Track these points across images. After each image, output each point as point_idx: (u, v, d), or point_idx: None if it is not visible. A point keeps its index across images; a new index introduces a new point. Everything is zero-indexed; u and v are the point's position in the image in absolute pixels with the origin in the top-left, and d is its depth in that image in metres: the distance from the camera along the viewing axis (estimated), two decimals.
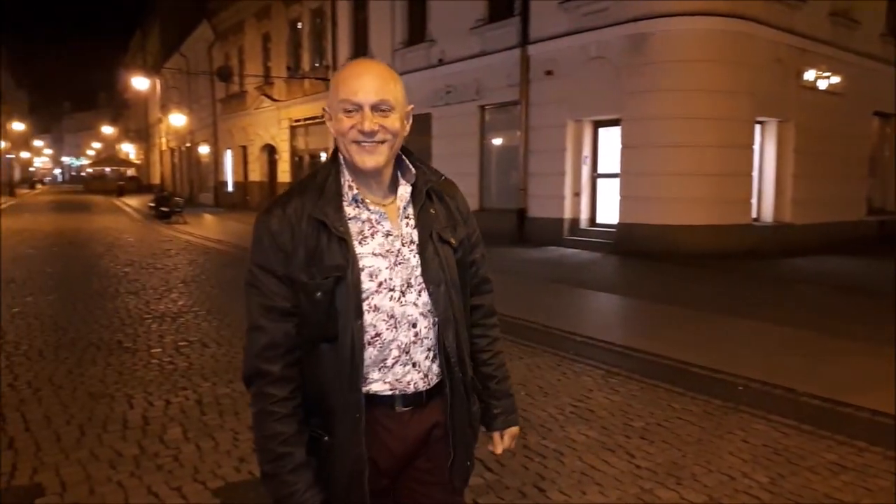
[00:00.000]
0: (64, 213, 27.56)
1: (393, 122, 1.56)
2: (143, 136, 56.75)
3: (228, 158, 32.55)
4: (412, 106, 1.67)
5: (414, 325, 1.60)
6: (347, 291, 1.51)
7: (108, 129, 74.52)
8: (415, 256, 1.61)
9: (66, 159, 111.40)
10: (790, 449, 3.98)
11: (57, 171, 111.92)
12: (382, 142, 1.56)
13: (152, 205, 24.24)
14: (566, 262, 12.08)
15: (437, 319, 1.63)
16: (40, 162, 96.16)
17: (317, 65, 23.67)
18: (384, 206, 1.63)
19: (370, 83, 1.54)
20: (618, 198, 13.04)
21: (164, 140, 43.73)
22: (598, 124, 13.97)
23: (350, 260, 1.52)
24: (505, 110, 15.88)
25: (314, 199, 1.56)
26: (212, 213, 26.50)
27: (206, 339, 6.46)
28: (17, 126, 62.57)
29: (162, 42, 42.87)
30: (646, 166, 12.42)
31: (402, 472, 1.68)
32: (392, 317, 1.58)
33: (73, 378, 5.19)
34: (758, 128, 13.65)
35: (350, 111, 1.54)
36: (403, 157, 1.68)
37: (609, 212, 13.64)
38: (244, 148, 30.30)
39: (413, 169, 1.68)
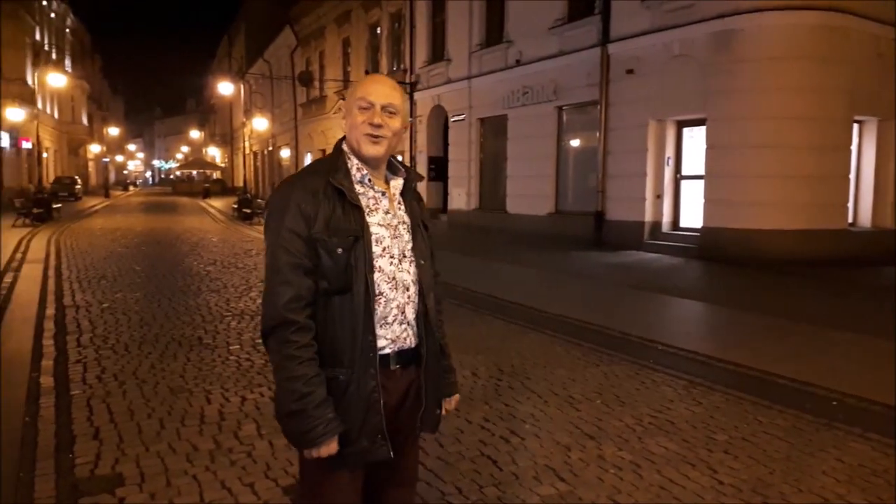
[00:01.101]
0: (153, 213, 28.88)
1: (395, 123, 1.94)
2: (227, 140, 58.90)
3: (308, 161, 33.34)
4: (411, 120, 2.05)
5: (407, 289, 1.94)
6: (362, 250, 1.84)
7: (195, 134, 77.84)
8: (407, 233, 1.97)
9: (156, 162, 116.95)
10: (890, 471, 3.68)
11: (148, 174, 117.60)
12: (385, 137, 1.92)
13: (235, 206, 25.07)
14: (646, 267, 11.74)
15: (420, 287, 1.96)
16: (133, 165, 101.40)
17: (394, 69, 23.93)
18: (384, 189, 1.98)
19: (383, 89, 1.94)
20: (702, 201, 12.57)
21: (247, 144, 45.26)
22: (681, 124, 13.52)
23: (364, 225, 1.86)
24: (583, 111, 15.61)
25: (329, 175, 1.89)
26: None
27: None
28: (113, 131, 66.19)
29: (247, 48, 44.42)
30: (733, 168, 11.92)
31: (389, 423, 1.93)
32: (393, 279, 1.90)
33: (155, 372, 5.36)
34: (856, 127, 12.91)
35: (364, 108, 1.91)
36: (393, 159, 2.05)
37: (693, 215, 13.17)
38: (323, 151, 30.96)
39: (402, 168, 2.05)
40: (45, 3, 40.16)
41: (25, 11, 33.23)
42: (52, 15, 43.15)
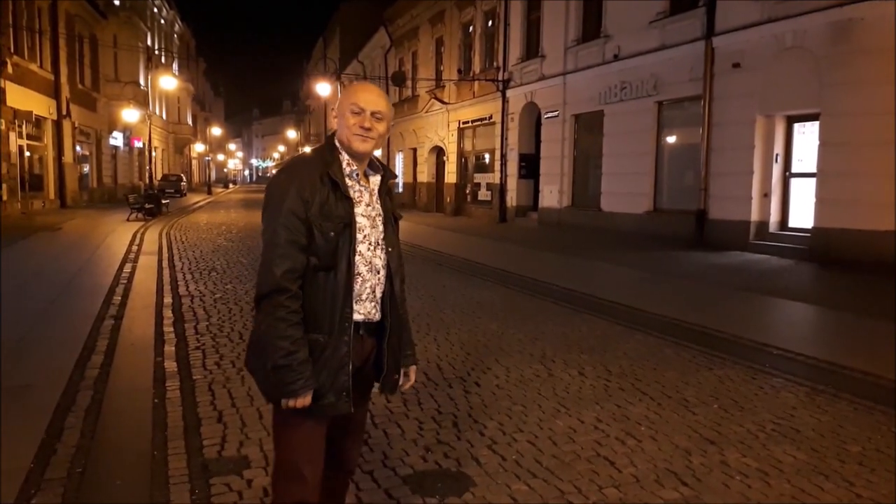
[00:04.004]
0: (252, 209, 29.96)
1: (381, 127, 2.27)
2: (322, 139, 60.40)
3: (399, 160, 33.82)
4: (393, 124, 2.19)
5: (378, 272, 2.28)
6: (348, 235, 2.17)
7: (291, 134, 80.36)
8: (382, 224, 2.31)
9: (253, 161, 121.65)
10: None
11: (246, 172, 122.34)
12: (373, 137, 2.24)
13: None
14: (754, 269, 11.23)
15: (388, 272, 2.31)
16: (233, 164, 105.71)
17: (487, 66, 23.89)
18: (366, 184, 2.31)
19: (372, 97, 2.26)
20: (814, 200, 11.90)
21: None
22: (791, 120, 12.85)
23: (352, 214, 2.19)
24: (684, 106, 15.10)
25: (324, 167, 2.20)
26: None
27: None
28: (215, 131, 69.28)
29: (342, 50, 45.39)
30: (849, 166, 11.21)
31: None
32: (369, 262, 2.25)
33: None
34: None
35: (357, 112, 2.23)
36: (373, 158, 2.36)
37: (803, 215, 12.48)
38: (414, 150, 31.33)
39: (380, 167, 2.37)
40: (155, 10, 42.44)
41: (139, 18, 35.21)
42: (162, 21, 45.56)
